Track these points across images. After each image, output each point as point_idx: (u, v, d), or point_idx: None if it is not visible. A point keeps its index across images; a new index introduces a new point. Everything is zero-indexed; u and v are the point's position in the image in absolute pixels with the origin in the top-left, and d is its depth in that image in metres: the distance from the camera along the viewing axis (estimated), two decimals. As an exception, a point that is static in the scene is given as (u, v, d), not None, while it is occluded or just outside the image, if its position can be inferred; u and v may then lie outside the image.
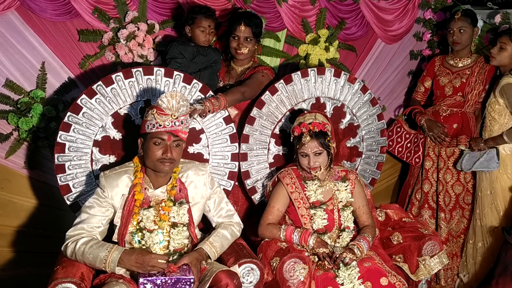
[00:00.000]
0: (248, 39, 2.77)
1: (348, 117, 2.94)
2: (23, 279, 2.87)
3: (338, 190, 2.54)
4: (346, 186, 2.56)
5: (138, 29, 2.77)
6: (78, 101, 2.36)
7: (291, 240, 2.42)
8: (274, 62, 3.20)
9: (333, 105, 2.88)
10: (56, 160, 2.36)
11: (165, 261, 1.99)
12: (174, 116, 2.08)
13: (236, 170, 2.66)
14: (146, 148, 2.12)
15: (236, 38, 2.76)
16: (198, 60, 2.66)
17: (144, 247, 2.12)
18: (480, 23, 3.26)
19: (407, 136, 3.46)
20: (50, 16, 2.64)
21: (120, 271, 2.06)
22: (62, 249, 2.08)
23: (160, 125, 2.07)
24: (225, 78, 2.89)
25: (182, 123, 2.11)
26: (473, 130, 3.24)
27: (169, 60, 2.61)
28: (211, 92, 2.57)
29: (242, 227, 2.40)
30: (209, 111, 2.45)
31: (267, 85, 2.78)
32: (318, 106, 2.84)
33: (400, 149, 3.49)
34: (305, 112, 2.58)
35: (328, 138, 2.46)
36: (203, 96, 2.52)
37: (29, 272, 2.86)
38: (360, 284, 2.27)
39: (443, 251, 2.56)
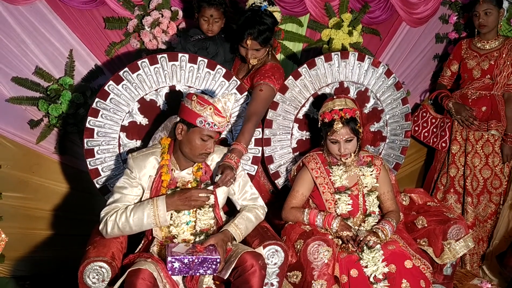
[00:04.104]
0: (257, 49, 2.59)
1: (372, 101, 2.91)
2: (55, 260, 2.98)
3: (363, 175, 2.53)
4: (372, 172, 2.54)
5: (162, 16, 2.81)
6: (106, 87, 2.41)
7: (314, 224, 2.43)
8: (296, 47, 3.20)
9: (356, 90, 2.87)
10: (85, 144, 2.42)
11: (206, 195, 2.11)
12: (228, 119, 2.15)
13: (259, 155, 2.67)
14: (189, 139, 2.14)
15: (244, 47, 2.59)
16: (200, 53, 2.62)
17: (172, 226, 2.18)
18: (505, 4, 3.20)
19: (433, 121, 3.42)
20: (77, 4, 2.70)
21: (168, 223, 2.14)
22: (100, 227, 2.13)
23: (216, 126, 2.12)
24: (237, 71, 2.80)
25: (228, 124, 2.20)
26: (502, 113, 3.18)
27: None
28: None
29: (266, 210, 2.42)
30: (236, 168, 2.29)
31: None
32: (342, 90, 2.82)
33: (426, 134, 3.46)
34: (334, 97, 2.53)
35: (359, 124, 2.45)
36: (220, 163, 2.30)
37: (60, 253, 2.96)
38: (384, 267, 2.27)
39: (469, 235, 2.53)
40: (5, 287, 2.92)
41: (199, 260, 1.98)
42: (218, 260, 2.01)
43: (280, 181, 2.83)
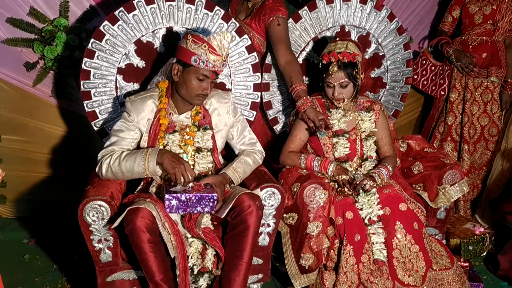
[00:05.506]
0: None
1: (373, 46, 2.87)
2: (54, 202, 3.03)
3: (362, 120, 2.53)
4: (370, 116, 2.54)
5: (159, -46, 2.70)
6: (101, 28, 2.36)
7: (311, 168, 2.45)
8: (297, -10, 3.11)
9: (358, 34, 2.81)
10: (82, 86, 2.39)
11: (190, 178, 2.06)
12: (224, 58, 2.10)
13: (258, 100, 2.66)
14: (185, 79, 2.12)
15: None
16: None
17: None
18: None
19: (433, 68, 3.39)
20: None
21: (157, 174, 2.13)
22: (96, 169, 2.15)
23: (210, 64, 2.08)
24: (235, 13, 2.76)
25: (224, 64, 2.14)
26: (503, 60, 3.15)
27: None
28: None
29: (264, 155, 2.44)
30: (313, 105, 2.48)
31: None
32: (343, 34, 2.77)
33: (425, 82, 3.43)
34: (337, 39, 2.49)
35: (357, 70, 2.41)
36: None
37: (59, 195, 3.01)
38: (379, 210, 2.31)
39: (464, 180, 2.56)
40: (8, 227, 2.99)
41: (197, 198, 2.00)
42: (215, 198, 2.03)
43: (278, 127, 2.83)
